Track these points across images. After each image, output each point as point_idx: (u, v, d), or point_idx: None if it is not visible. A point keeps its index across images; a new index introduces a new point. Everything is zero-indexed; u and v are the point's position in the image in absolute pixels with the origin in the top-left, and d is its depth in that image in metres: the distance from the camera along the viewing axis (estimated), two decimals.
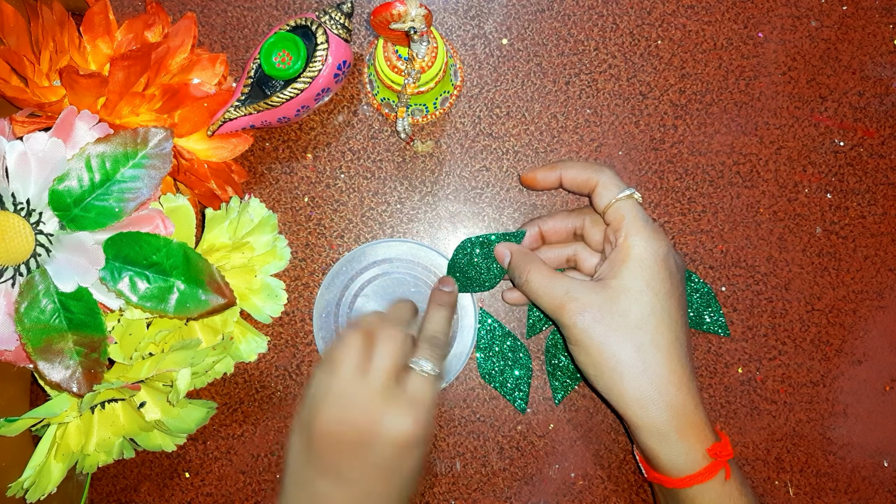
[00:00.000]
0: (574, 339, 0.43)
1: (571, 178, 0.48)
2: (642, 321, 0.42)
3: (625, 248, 0.44)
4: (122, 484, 0.53)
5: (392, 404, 0.41)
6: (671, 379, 0.42)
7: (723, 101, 0.53)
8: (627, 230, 0.44)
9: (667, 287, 0.43)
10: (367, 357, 0.42)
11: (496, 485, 0.52)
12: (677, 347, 0.42)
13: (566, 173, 0.48)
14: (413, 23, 0.42)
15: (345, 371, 0.42)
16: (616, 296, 0.43)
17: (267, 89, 0.49)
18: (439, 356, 0.45)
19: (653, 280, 0.43)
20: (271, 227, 0.50)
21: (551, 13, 0.54)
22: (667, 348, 0.42)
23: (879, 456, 0.52)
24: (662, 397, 0.41)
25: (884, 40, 0.54)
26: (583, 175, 0.47)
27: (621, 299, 0.42)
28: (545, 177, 0.49)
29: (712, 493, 0.42)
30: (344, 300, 0.52)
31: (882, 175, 0.53)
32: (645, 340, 0.42)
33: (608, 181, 0.46)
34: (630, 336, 0.42)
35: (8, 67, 0.45)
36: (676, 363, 0.42)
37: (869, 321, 0.52)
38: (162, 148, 0.43)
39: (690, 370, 0.43)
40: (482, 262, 0.51)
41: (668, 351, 0.42)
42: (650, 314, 0.42)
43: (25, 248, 0.43)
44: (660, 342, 0.42)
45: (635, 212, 0.44)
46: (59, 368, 0.42)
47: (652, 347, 0.42)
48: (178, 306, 0.43)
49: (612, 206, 0.45)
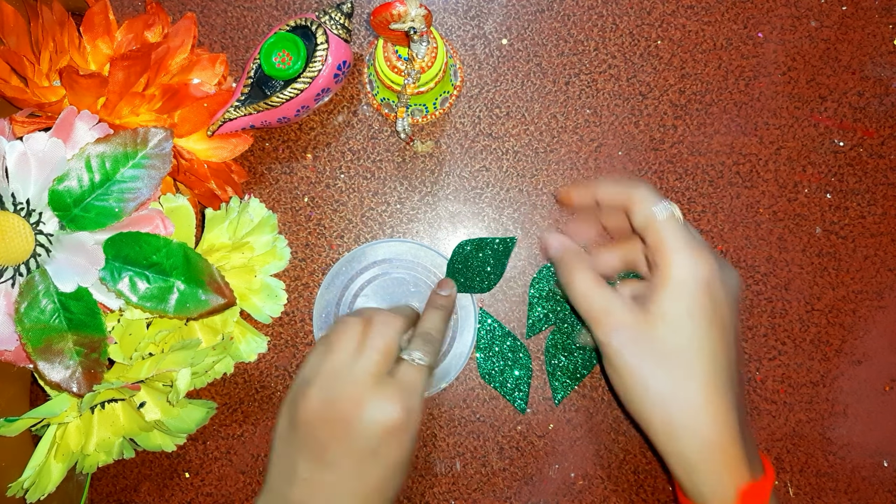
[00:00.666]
0: (606, 356, 0.41)
1: (606, 194, 0.45)
2: (678, 350, 0.39)
3: (664, 270, 0.41)
4: (122, 484, 0.53)
5: (379, 389, 0.41)
6: (706, 409, 0.39)
7: (723, 101, 0.53)
8: (667, 251, 0.41)
9: (708, 314, 0.40)
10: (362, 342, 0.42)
11: (496, 485, 0.52)
12: (715, 378, 0.39)
13: (601, 190, 0.45)
14: (413, 23, 0.42)
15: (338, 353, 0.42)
16: (654, 321, 0.40)
17: (267, 89, 0.49)
18: (432, 351, 0.44)
19: (693, 306, 0.40)
20: (271, 227, 0.50)
21: (551, 13, 0.54)
22: (703, 378, 0.39)
23: (879, 456, 0.52)
24: (692, 428, 0.39)
25: (884, 40, 0.54)
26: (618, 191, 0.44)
27: (658, 325, 0.40)
28: (580, 195, 0.47)
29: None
30: (344, 300, 0.52)
31: (882, 175, 0.53)
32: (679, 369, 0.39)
33: (644, 196, 0.42)
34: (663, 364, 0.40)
35: (8, 67, 0.45)
36: (714, 394, 0.39)
37: (869, 321, 0.52)
38: (162, 148, 0.43)
39: (732, 402, 0.40)
40: (479, 263, 0.52)
41: (704, 381, 0.39)
42: (688, 343, 0.39)
43: (25, 248, 0.43)
44: (695, 372, 0.39)
45: (675, 230, 0.41)
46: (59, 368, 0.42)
47: (686, 377, 0.39)
48: (178, 306, 0.43)
49: (650, 224, 0.42)
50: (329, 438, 0.40)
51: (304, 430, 0.41)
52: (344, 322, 0.44)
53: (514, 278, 0.53)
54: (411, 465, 0.44)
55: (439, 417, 0.52)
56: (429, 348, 0.44)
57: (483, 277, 0.52)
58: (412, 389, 0.42)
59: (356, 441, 0.40)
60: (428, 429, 0.52)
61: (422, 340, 0.45)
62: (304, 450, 0.41)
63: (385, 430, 0.40)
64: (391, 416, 0.40)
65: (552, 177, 0.53)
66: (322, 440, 0.40)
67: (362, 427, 0.40)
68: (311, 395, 0.41)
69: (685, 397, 0.39)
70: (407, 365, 0.43)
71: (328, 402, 0.41)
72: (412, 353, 0.43)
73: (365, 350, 0.42)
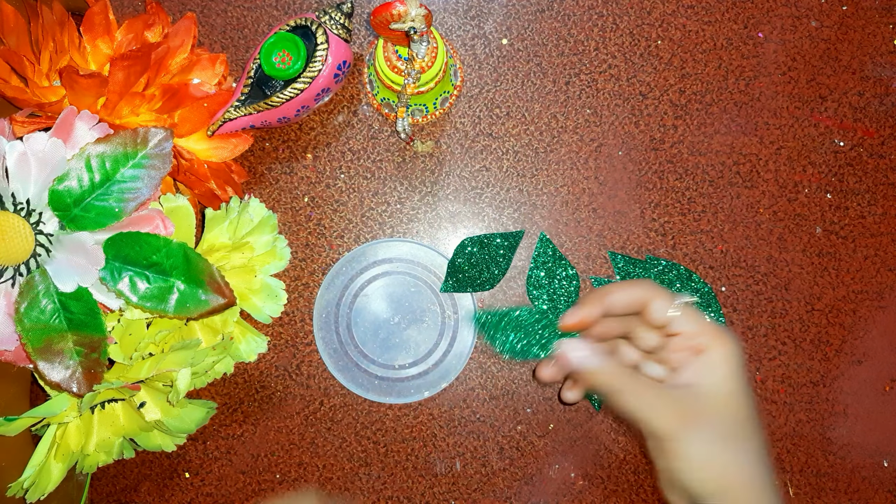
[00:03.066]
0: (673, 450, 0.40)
1: (618, 302, 0.43)
2: (728, 428, 0.41)
3: (704, 354, 0.42)
4: (122, 484, 0.53)
5: None
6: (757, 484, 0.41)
7: (723, 101, 0.53)
8: (704, 335, 0.42)
9: (742, 386, 0.42)
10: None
11: (496, 485, 0.52)
12: (760, 448, 0.42)
13: (611, 300, 0.43)
14: (413, 23, 0.42)
15: None
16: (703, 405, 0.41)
17: (267, 89, 0.49)
18: None
19: (733, 384, 0.41)
20: (271, 227, 0.50)
21: (551, 13, 0.54)
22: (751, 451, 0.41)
23: (879, 456, 0.52)
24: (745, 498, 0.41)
25: (884, 40, 0.54)
26: (630, 295, 0.43)
27: (707, 408, 0.41)
28: (590, 313, 0.44)
29: None
30: (344, 300, 0.52)
31: (882, 175, 0.53)
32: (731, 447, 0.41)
33: (660, 293, 0.42)
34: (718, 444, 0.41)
35: (8, 67, 0.45)
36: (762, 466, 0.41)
37: (869, 321, 0.52)
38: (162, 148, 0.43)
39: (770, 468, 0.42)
40: (482, 261, 0.52)
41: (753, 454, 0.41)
42: (734, 420, 0.41)
43: (25, 248, 0.43)
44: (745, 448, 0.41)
45: (699, 315, 0.43)
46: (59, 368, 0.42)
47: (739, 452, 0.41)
48: (178, 306, 0.43)
49: (674, 317, 0.42)
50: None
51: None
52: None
53: (514, 278, 0.53)
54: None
55: (439, 417, 0.52)
56: None
57: (487, 275, 0.52)
58: None
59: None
60: (428, 429, 0.52)
61: None
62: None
63: None
64: None
65: (552, 177, 0.53)
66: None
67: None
68: None
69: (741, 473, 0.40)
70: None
71: None
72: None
73: None
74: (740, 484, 0.41)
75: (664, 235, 0.53)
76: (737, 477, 0.41)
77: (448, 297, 0.52)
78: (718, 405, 0.41)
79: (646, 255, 0.52)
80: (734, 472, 0.41)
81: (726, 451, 0.41)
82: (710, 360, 0.42)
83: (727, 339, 0.42)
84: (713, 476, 0.41)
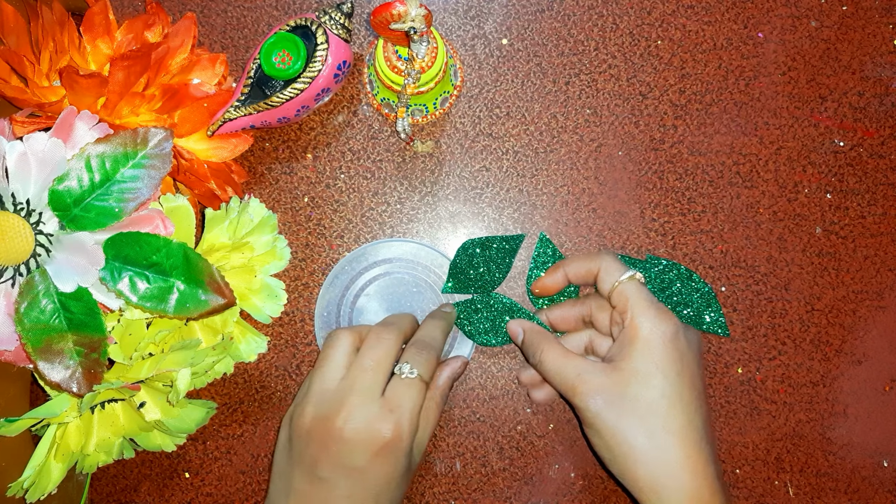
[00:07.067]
0: (587, 421, 0.43)
1: (575, 272, 0.48)
2: (653, 405, 0.41)
3: (632, 329, 0.43)
4: (122, 484, 0.53)
5: (366, 407, 0.41)
6: (685, 464, 0.40)
7: (723, 101, 0.53)
8: (633, 311, 0.43)
9: (677, 368, 0.42)
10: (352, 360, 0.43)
11: (496, 485, 0.52)
12: (691, 431, 0.41)
13: (569, 269, 0.48)
14: (413, 23, 0.42)
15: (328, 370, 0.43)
16: (626, 379, 0.41)
17: (267, 89, 0.49)
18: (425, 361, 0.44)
19: (662, 361, 0.41)
20: (271, 227, 0.50)
21: (551, 13, 0.54)
22: (680, 432, 0.41)
23: (879, 456, 0.52)
24: (676, 484, 0.40)
25: (884, 40, 0.54)
26: (584, 266, 0.47)
27: (631, 382, 0.41)
28: (553, 280, 0.49)
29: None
30: (345, 300, 0.52)
31: (882, 175, 0.53)
32: (656, 425, 0.41)
33: (609, 265, 0.45)
34: (641, 421, 0.41)
35: (8, 67, 0.45)
36: (691, 447, 0.41)
37: (869, 321, 0.52)
38: (162, 148, 0.43)
39: (708, 454, 0.41)
40: (483, 263, 0.52)
41: (681, 435, 0.41)
42: (661, 397, 0.41)
43: (25, 248, 0.43)
44: (672, 426, 0.41)
45: (639, 292, 0.44)
46: (59, 368, 0.42)
47: (664, 432, 0.40)
48: (178, 306, 0.43)
49: (615, 288, 0.44)
50: (320, 454, 0.41)
51: (298, 445, 0.42)
52: (334, 337, 0.45)
53: (514, 278, 0.53)
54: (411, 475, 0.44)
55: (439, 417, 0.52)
56: (422, 358, 0.44)
57: (488, 277, 0.52)
58: (402, 406, 0.42)
59: (344, 458, 0.40)
60: None
61: (415, 350, 0.45)
62: (299, 464, 0.42)
63: (372, 449, 0.40)
64: (378, 434, 0.40)
65: (552, 177, 0.53)
66: (313, 456, 0.41)
67: (349, 445, 0.40)
68: (306, 411, 0.42)
69: (667, 454, 0.40)
70: (397, 380, 0.43)
71: (319, 419, 0.41)
72: (402, 366, 0.43)
73: (353, 368, 0.42)
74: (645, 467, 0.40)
75: (664, 235, 0.53)
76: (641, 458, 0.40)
77: (449, 298, 0.52)
78: (631, 381, 0.41)
79: (646, 255, 0.52)
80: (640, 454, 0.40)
81: (635, 430, 0.40)
82: (639, 338, 0.42)
83: (664, 322, 0.42)
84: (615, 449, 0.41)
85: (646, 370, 0.41)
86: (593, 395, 0.42)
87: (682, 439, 0.41)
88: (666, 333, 0.42)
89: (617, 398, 0.41)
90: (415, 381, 0.43)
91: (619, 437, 0.41)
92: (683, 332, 0.43)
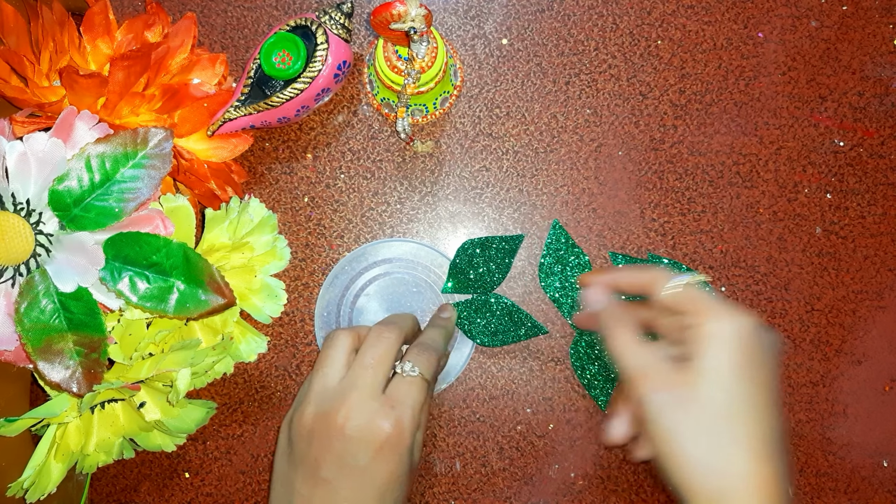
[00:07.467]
0: (646, 416, 0.39)
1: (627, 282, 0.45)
2: (722, 411, 0.37)
3: (703, 328, 0.39)
4: (122, 484, 0.53)
5: (367, 406, 0.41)
6: (754, 481, 0.36)
7: (723, 101, 0.53)
8: (705, 310, 0.39)
9: (752, 372, 0.38)
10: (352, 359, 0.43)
11: (496, 485, 0.52)
12: (763, 443, 0.37)
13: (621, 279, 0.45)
14: (413, 23, 0.42)
15: (328, 369, 0.43)
16: (695, 380, 0.38)
17: (267, 89, 0.49)
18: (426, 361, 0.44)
19: (737, 363, 0.38)
20: (271, 227, 0.50)
21: (551, 13, 0.54)
22: (750, 443, 0.37)
23: (879, 456, 0.52)
24: (738, 500, 0.36)
25: (884, 40, 0.54)
26: (638, 276, 0.44)
27: (700, 385, 0.38)
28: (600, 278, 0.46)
29: None
30: (345, 300, 0.52)
31: (882, 175, 0.53)
32: (724, 433, 0.37)
33: (667, 273, 0.42)
34: (706, 427, 0.37)
35: (8, 67, 0.45)
36: (762, 462, 0.37)
37: (869, 321, 0.52)
38: (162, 148, 0.43)
39: (780, 471, 0.37)
40: (483, 263, 0.52)
41: (751, 446, 0.37)
42: (731, 403, 0.37)
43: (25, 248, 0.43)
44: (741, 436, 0.37)
45: (706, 293, 0.40)
46: (59, 368, 0.42)
47: (731, 442, 0.37)
48: (178, 306, 0.43)
49: (679, 292, 0.41)
50: (322, 453, 0.41)
51: (299, 446, 0.42)
52: (333, 337, 0.44)
53: (514, 278, 0.53)
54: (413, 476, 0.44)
55: (439, 417, 0.52)
56: (423, 357, 0.44)
57: (488, 277, 0.52)
58: (403, 403, 0.42)
59: (347, 457, 0.40)
60: (428, 429, 0.52)
61: (417, 350, 0.45)
62: (301, 466, 0.41)
63: (374, 446, 0.40)
64: (379, 431, 0.40)
65: (552, 177, 0.53)
66: (315, 456, 0.41)
67: (351, 443, 0.40)
68: (307, 411, 0.42)
69: (731, 465, 0.37)
70: (398, 378, 0.43)
71: (320, 417, 0.41)
72: (404, 365, 0.43)
73: (354, 367, 0.42)
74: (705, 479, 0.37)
75: (664, 235, 0.53)
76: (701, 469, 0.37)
77: (449, 298, 0.52)
78: (700, 382, 0.38)
79: (647, 254, 0.52)
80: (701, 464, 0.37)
81: (698, 437, 0.37)
82: (710, 337, 0.39)
83: (738, 319, 0.39)
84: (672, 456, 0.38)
85: (718, 372, 0.38)
86: (658, 392, 0.38)
87: (752, 451, 0.37)
88: (743, 328, 0.38)
89: (682, 400, 0.38)
90: (416, 378, 0.43)
91: (679, 443, 0.37)
92: (762, 330, 0.39)
